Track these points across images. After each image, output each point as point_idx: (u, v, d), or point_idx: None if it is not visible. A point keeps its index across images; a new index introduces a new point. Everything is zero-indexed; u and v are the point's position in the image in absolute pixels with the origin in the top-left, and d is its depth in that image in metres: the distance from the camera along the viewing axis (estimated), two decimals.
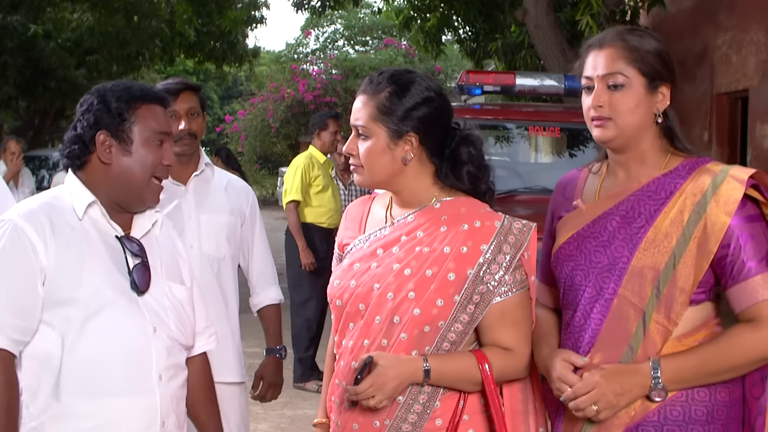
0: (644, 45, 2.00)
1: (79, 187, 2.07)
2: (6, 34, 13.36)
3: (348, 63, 22.30)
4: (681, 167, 2.01)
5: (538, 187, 6.15)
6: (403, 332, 2.02)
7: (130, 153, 2.05)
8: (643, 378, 1.92)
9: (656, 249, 1.95)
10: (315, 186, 6.62)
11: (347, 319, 2.12)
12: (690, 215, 1.94)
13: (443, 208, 2.10)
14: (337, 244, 2.27)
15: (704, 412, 1.94)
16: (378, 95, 2.08)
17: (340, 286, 2.13)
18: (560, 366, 1.99)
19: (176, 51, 16.81)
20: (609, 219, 2.04)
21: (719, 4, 9.20)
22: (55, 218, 2.02)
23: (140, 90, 2.10)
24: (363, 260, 2.12)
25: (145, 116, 2.06)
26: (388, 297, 2.04)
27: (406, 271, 2.04)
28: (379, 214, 2.20)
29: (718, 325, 2.01)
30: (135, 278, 2.05)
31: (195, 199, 3.06)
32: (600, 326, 1.99)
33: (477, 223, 2.06)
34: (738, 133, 9.16)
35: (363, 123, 2.09)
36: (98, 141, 2.04)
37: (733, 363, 1.92)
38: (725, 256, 1.92)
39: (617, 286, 1.98)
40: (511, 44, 10.70)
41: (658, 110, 2.01)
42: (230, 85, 37.61)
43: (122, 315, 2.03)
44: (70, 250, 2.00)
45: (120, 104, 2.05)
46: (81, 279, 1.99)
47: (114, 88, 2.08)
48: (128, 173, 2.06)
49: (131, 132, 2.05)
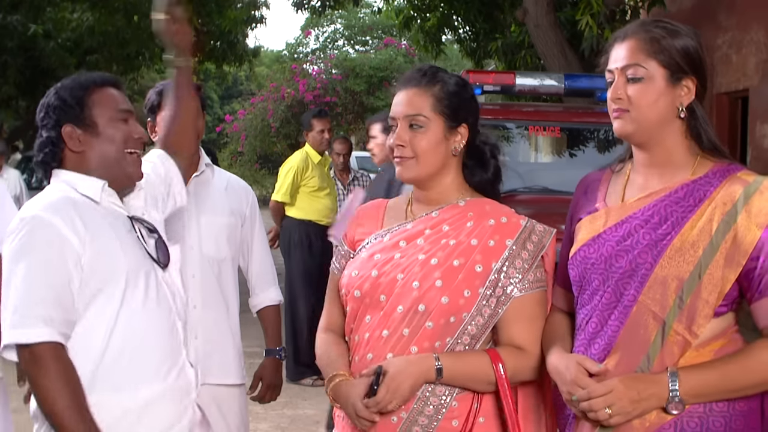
0: (668, 36, 1.93)
1: (79, 177, 2.13)
2: (6, 33, 13.35)
3: (348, 63, 22.25)
4: (711, 174, 1.94)
5: (538, 187, 6.16)
6: (429, 321, 2.04)
7: (98, 134, 2.13)
8: (660, 389, 1.85)
9: (682, 258, 1.88)
10: (310, 187, 6.64)
11: (364, 311, 2.11)
12: (719, 225, 1.87)
13: (468, 206, 2.16)
14: (348, 242, 2.26)
15: (722, 422, 1.88)
16: (433, 87, 2.15)
17: (360, 276, 2.13)
18: (576, 369, 1.92)
19: None
20: (633, 223, 1.96)
21: (719, 4, 9.19)
22: (80, 208, 2.08)
23: (89, 78, 2.18)
24: (384, 251, 2.13)
25: (101, 99, 2.15)
26: (413, 286, 2.04)
27: (432, 261, 2.07)
28: (398, 212, 2.23)
29: (736, 332, 1.95)
30: (158, 254, 2.17)
31: (195, 200, 3.04)
32: (617, 333, 1.93)
33: (503, 219, 2.13)
34: (738, 132, 9.16)
35: (421, 113, 2.13)
36: (65, 134, 2.11)
37: (757, 380, 1.86)
38: (753, 269, 1.85)
39: (638, 293, 1.91)
40: (511, 44, 10.70)
41: (682, 104, 1.94)
42: (230, 85, 37.57)
43: (155, 291, 2.13)
44: (104, 236, 2.08)
45: (75, 95, 2.13)
46: (118, 262, 2.08)
47: (64, 84, 2.17)
48: (102, 153, 2.14)
49: (93, 116, 2.13)
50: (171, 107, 2.46)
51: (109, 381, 2.05)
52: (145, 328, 2.10)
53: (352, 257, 2.22)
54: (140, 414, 2.07)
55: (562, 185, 6.09)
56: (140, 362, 2.08)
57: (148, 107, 3.03)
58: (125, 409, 2.07)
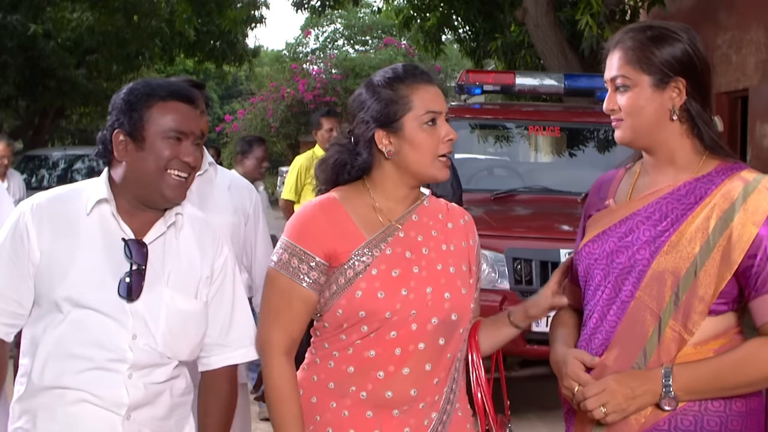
0: (650, 42, 1.95)
1: (98, 183, 2.10)
2: (6, 33, 13.37)
3: (348, 62, 22.30)
4: (714, 172, 1.95)
5: (538, 187, 6.17)
6: (461, 327, 2.09)
7: (144, 149, 2.04)
8: (654, 385, 1.87)
9: (678, 254, 1.90)
10: (314, 184, 6.72)
11: (389, 328, 2.02)
12: (717, 223, 1.88)
13: (433, 206, 2.18)
14: (322, 253, 2.04)
15: (717, 422, 1.88)
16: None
17: (388, 298, 2.01)
18: (572, 364, 1.96)
19: (176, 50, 16.82)
20: (636, 220, 1.99)
21: (719, 4, 9.21)
22: (58, 211, 2.04)
23: (159, 86, 2.09)
24: (395, 266, 2.04)
25: (161, 113, 2.05)
26: (445, 297, 2.05)
27: (451, 269, 2.09)
28: (367, 217, 2.09)
29: (738, 333, 1.94)
30: (127, 284, 2.01)
31: (199, 200, 3.04)
32: (615, 328, 1.96)
33: (463, 219, 2.19)
34: (738, 132, 9.18)
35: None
36: (115, 140, 2.06)
37: (750, 378, 1.85)
38: (750, 267, 1.85)
39: (635, 289, 1.93)
40: (511, 44, 10.72)
41: (674, 107, 1.95)
42: (230, 85, 37.61)
43: (101, 319, 1.99)
44: (63, 248, 2.01)
45: (137, 102, 2.05)
46: (66, 278, 2.00)
47: (136, 86, 2.09)
48: (141, 167, 2.04)
49: (144, 130, 2.04)
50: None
51: (44, 378, 2.03)
52: (76, 344, 2.00)
53: (345, 274, 2.04)
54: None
55: (561, 185, 6.11)
56: (66, 374, 2.01)
57: None
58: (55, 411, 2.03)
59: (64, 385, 2.00)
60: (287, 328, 2.05)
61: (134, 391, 2.01)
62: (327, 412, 2.05)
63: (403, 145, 2.05)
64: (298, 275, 2.03)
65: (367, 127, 2.06)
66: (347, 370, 2.05)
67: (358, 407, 2.04)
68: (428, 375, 2.05)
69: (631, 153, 2.14)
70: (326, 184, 2.17)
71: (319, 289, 2.05)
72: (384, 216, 2.09)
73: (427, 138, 2.04)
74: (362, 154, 2.08)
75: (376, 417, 2.04)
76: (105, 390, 1.99)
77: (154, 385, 2.04)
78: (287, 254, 2.05)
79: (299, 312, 2.05)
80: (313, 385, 2.08)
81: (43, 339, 2.01)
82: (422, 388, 2.04)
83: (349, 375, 2.04)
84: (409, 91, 2.05)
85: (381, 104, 2.05)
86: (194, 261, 2.13)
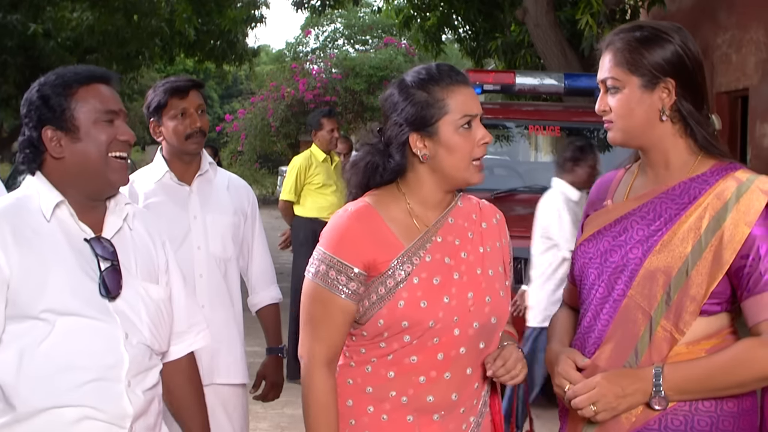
0: (639, 44, 1.95)
1: (45, 188, 1.99)
2: (6, 33, 13.36)
3: (348, 62, 22.28)
4: (710, 172, 1.94)
5: (538, 186, 6.16)
6: (500, 330, 2.09)
7: (80, 139, 1.97)
8: (645, 384, 1.87)
9: (670, 253, 1.90)
10: (314, 184, 6.71)
11: (432, 335, 1.98)
12: (709, 223, 1.88)
13: (466, 206, 2.14)
14: (361, 263, 1.99)
15: (708, 422, 1.88)
16: None
17: (431, 307, 1.98)
18: (564, 363, 1.97)
19: (176, 50, 16.79)
20: (630, 220, 1.99)
21: (719, 4, 9.21)
22: (18, 223, 1.93)
23: (74, 74, 2.00)
24: (435, 273, 2.01)
25: (85, 98, 1.98)
26: (486, 301, 2.04)
27: (489, 272, 2.07)
28: (403, 223, 2.05)
29: (731, 333, 1.94)
30: (105, 283, 1.95)
31: (200, 200, 3.04)
32: (607, 327, 1.96)
33: (495, 218, 2.18)
34: (738, 132, 9.18)
35: None
36: (46, 138, 1.97)
37: (741, 379, 1.85)
38: (743, 267, 1.85)
39: (627, 288, 1.94)
40: (511, 43, 10.72)
41: (664, 108, 1.94)
42: (230, 84, 37.56)
43: (91, 324, 1.92)
44: (33, 258, 1.91)
45: (57, 94, 1.97)
46: (45, 288, 1.89)
47: (48, 80, 2.00)
48: (83, 158, 1.97)
49: (75, 119, 1.96)
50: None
51: (27, 401, 1.87)
52: (72, 356, 1.90)
53: (385, 283, 1.99)
54: None
55: None
56: (62, 389, 1.89)
57: (153, 107, 3.00)
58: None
59: (62, 404, 1.88)
60: (328, 339, 2.02)
61: (135, 401, 1.96)
62: (364, 416, 2.03)
63: (439, 149, 1.99)
64: (336, 287, 1.99)
65: (401, 129, 2.00)
66: (387, 375, 2.02)
67: (398, 411, 2.01)
68: (469, 379, 2.04)
69: (631, 153, 2.14)
70: (358, 188, 2.10)
71: (358, 299, 2.01)
72: (420, 221, 2.05)
73: (462, 142, 1.99)
74: (395, 157, 2.03)
75: (416, 421, 2.02)
76: (108, 403, 1.92)
77: (148, 392, 2.01)
78: (324, 266, 2.01)
79: (339, 323, 2.01)
80: (348, 388, 2.05)
81: (27, 358, 1.87)
82: (463, 392, 2.04)
83: (389, 380, 2.01)
84: (444, 93, 1.99)
85: (416, 107, 1.99)
86: (150, 250, 2.12)
